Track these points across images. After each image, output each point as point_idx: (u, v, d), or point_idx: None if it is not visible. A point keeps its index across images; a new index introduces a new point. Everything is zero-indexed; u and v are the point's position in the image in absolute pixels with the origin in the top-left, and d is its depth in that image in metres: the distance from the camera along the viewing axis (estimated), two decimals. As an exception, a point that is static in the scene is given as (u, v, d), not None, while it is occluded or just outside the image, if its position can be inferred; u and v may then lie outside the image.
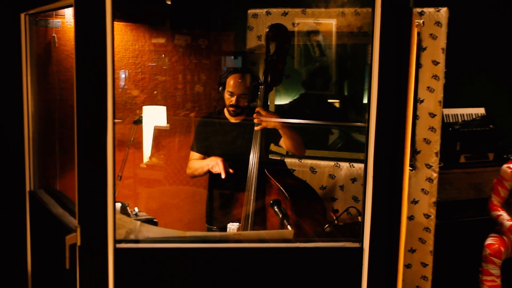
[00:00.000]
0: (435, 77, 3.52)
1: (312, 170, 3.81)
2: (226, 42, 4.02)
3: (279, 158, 3.67)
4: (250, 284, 2.26)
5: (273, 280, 2.26)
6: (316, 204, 3.18)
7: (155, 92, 3.73)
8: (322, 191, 3.78)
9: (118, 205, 2.95)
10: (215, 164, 3.11)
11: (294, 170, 3.78)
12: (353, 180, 3.72)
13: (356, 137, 4.07)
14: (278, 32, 3.10)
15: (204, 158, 3.32)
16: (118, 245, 2.17)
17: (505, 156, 4.29)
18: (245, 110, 3.23)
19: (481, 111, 4.54)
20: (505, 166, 3.81)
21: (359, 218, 3.05)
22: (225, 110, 3.27)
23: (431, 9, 3.49)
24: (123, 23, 3.57)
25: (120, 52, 3.55)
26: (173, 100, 3.79)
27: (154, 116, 3.39)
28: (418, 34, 3.39)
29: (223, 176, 3.05)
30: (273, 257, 2.27)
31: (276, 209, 2.93)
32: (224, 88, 3.21)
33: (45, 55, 3.27)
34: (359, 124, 3.93)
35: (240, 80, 3.17)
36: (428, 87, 3.54)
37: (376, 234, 2.21)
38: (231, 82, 3.17)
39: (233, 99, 3.16)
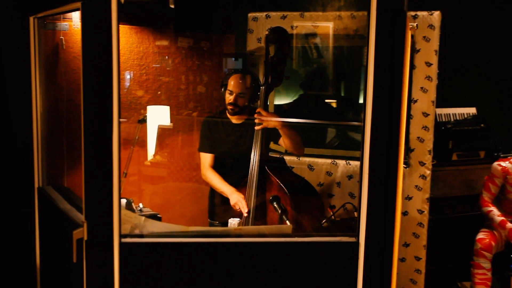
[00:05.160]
0: (428, 78, 3.55)
1: (310, 167, 3.84)
2: (227, 44, 4.01)
3: (278, 156, 3.70)
4: (250, 277, 2.29)
5: (272, 273, 2.29)
6: (314, 200, 3.21)
7: (159, 92, 3.74)
8: (319, 187, 3.80)
9: (123, 201, 2.97)
10: (238, 202, 3.12)
11: (293, 167, 3.81)
12: (350, 177, 3.75)
13: (353, 135, 4.07)
14: (278, 35, 3.13)
15: (214, 157, 3.35)
16: (124, 240, 2.21)
17: (495, 154, 4.31)
18: (245, 110, 3.27)
19: (472, 110, 4.55)
20: (495, 163, 3.82)
21: (355, 213, 3.10)
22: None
23: (425, 13, 3.52)
24: (128, 26, 3.59)
25: (125, 54, 3.58)
26: (176, 100, 3.80)
27: (158, 116, 3.41)
28: (412, 36, 3.43)
29: (245, 214, 3.07)
30: (273, 251, 2.30)
31: (275, 205, 2.99)
32: (225, 89, 3.25)
33: (53, 57, 3.29)
34: (355, 123, 3.94)
35: (240, 80, 3.21)
36: (422, 88, 3.58)
37: (372, 229, 2.23)
38: (231, 82, 3.21)
39: (232, 97, 3.20)
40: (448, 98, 4.39)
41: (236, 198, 3.15)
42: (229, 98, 3.23)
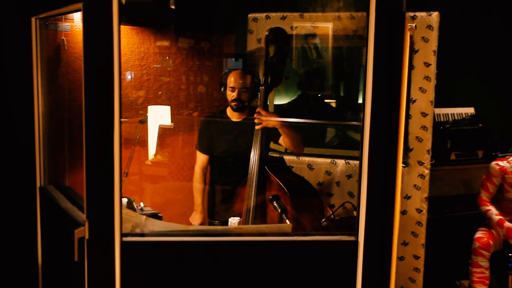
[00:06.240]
0: (427, 78, 3.57)
1: (310, 167, 3.85)
2: (227, 45, 4.03)
3: (278, 155, 3.71)
4: (250, 275, 2.30)
5: (272, 272, 2.29)
6: (313, 199, 3.22)
7: (160, 92, 3.75)
8: (319, 187, 3.81)
9: (125, 200, 3.00)
10: (193, 222, 3.42)
11: (293, 167, 3.82)
12: (349, 176, 3.76)
13: (352, 135, 4.08)
14: (277, 35, 3.15)
15: (208, 159, 3.41)
16: (125, 239, 2.21)
17: (493, 153, 4.32)
18: (247, 106, 3.29)
19: (470, 110, 4.56)
20: (493, 163, 3.84)
21: (355, 212, 3.12)
22: (228, 108, 3.33)
23: (423, 13, 3.53)
24: (129, 26, 3.60)
25: (126, 54, 3.58)
26: (177, 100, 3.81)
27: (159, 116, 3.42)
28: (411, 37, 3.39)
29: None
30: (272, 250, 2.30)
31: (275, 204, 2.98)
32: (225, 87, 3.27)
33: (55, 57, 3.30)
34: (354, 123, 3.94)
35: (240, 76, 3.24)
36: (420, 88, 3.59)
37: (371, 228, 2.24)
38: (231, 78, 3.23)
39: (235, 93, 3.22)
40: (446, 98, 4.39)
41: (196, 221, 3.39)
42: (232, 94, 3.25)
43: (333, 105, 4.32)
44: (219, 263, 2.28)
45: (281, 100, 4.08)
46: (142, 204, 3.17)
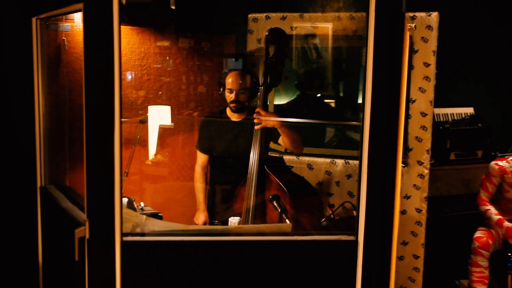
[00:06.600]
0: (427, 78, 3.57)
1: (309, 166, 3.85)
2: (227, 45, 4.03)
3: (278, 155, 3.71)
4: (250, 275, 2.30)
5: (272, 272, 2.30)
6: (313, 199, 3.23)
7: (160, 92, 3.76)
8: (318, 186, 3.81)
9: (125, 200, 3.00)
10: (197, 222, 3.43)
11: (292, 166, 3.82)
12: (349, 176, 3.76)
13: (351, 135, 4.07)
14: (277, 36, 3.15)
15: (208, 159, 3.43)
16: (125, 238, 2.21)
17: (493, 153, 4.33)
18: (247, 106, 3.29)
19: (470, 110, 4.56)
20: (493, 163, 3.85)
21: (354, 212, 3.14)
22: (227, 108, 3.33)
23: (423, 14, 3.54)
24: (129, 27, 3.60)
25: (126, 55, 3.59)
26: (177, 100, 3.82)
27: (159, 115, 3.43)
28: (410, 37, 3.43)
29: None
30: (272, 250, 2.31)
31: (275, 204, 2.99)
32: (224, 88, 3.27)
33: (55, 57, 3.30)
34: (354, 123, 3.94)
35: (237, 77, 3.24)
36: (420, 88, 3.60)
37: (370, 227, 2.24)
38: (229, 80, 3.23)
39: (233, 95, 3.23)
40: (446, 98, 4.39)
41: (200, 219, 3.40)
42: (230, 96, 3.25)
43: (333, 105, 4.31)
44: (219, 263, 2.28)
45: (280, 100, 4.08)
46: (142, 204, 3.18)
